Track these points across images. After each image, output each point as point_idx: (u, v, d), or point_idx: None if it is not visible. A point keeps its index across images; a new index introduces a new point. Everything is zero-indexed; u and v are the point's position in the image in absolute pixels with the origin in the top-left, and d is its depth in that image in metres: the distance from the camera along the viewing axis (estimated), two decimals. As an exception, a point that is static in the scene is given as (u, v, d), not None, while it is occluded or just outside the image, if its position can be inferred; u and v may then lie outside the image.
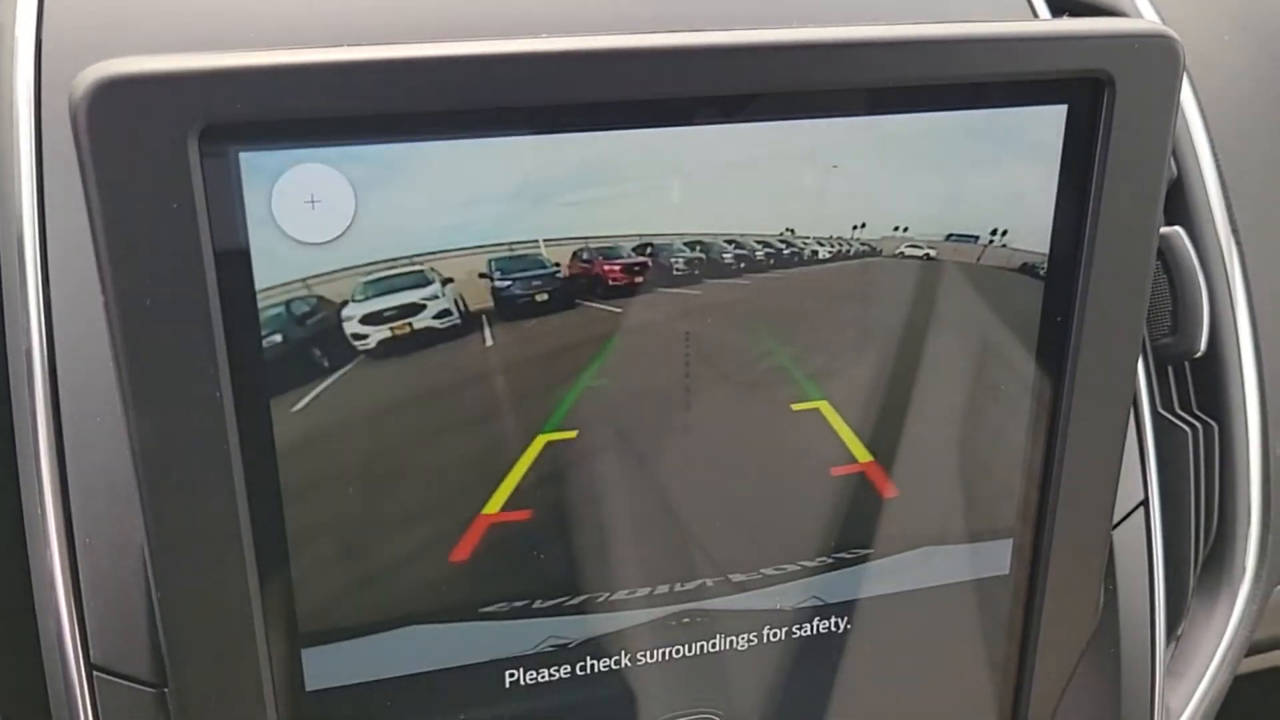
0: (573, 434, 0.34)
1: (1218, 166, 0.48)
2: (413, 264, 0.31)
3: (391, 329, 0.31)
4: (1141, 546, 0.44)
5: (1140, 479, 0.44)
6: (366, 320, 0.31)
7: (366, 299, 0.31)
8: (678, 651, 0.38)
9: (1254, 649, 0.51)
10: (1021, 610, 0.41)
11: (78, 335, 0.34)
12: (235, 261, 0.29)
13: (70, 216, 0.34)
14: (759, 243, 0.33)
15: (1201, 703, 0.46)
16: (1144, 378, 0.45)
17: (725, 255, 0.33)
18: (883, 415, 0.37)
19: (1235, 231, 0.48)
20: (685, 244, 0.33)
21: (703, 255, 0.33)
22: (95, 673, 0.34)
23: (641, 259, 0.33)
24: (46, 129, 0.35)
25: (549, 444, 0.34)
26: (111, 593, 0.34)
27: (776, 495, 0.37)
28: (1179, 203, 0.48)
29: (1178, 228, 0.46)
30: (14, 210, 0.35)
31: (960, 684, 0.41)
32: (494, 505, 0.34)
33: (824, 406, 0.36)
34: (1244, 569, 0.48)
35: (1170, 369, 0.47)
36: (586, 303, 0.33)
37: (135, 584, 0.34)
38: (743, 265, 0.33)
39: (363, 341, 0.31)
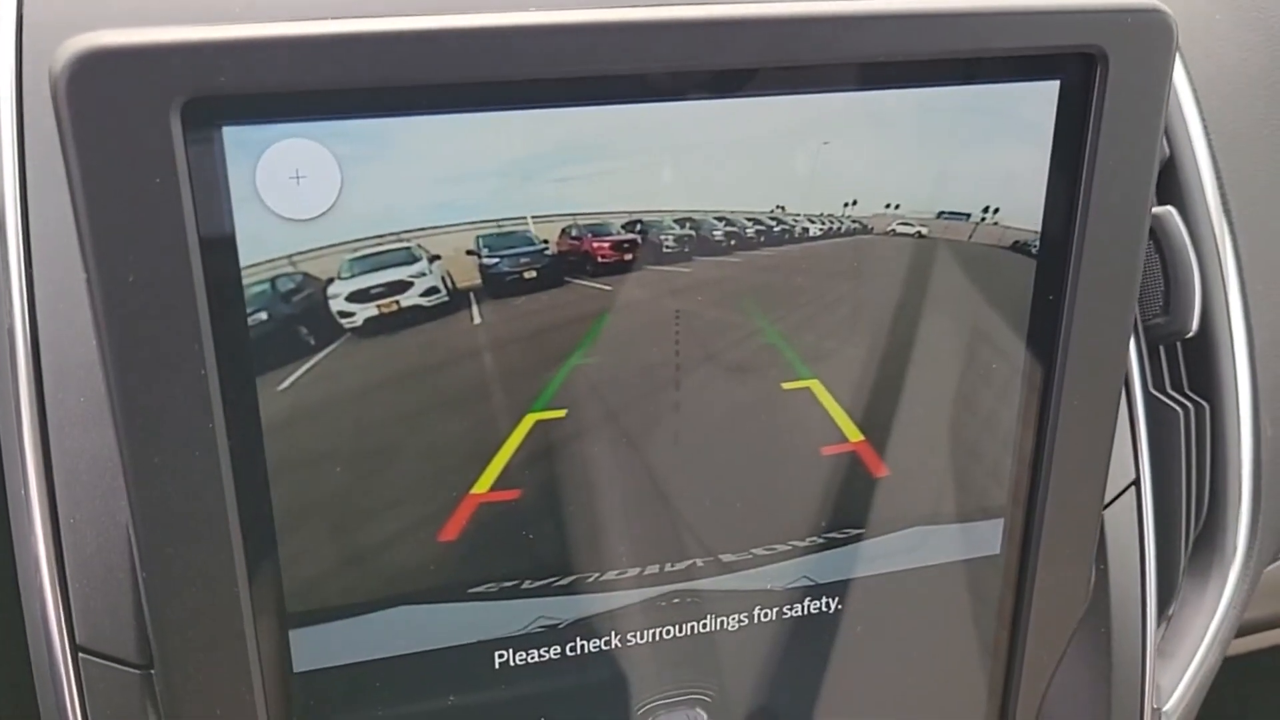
0: (562, 413, 0.34)
1: (1210, 146, 0.48)
2: (399, 240, 0.30)
3: (378, 306, 0.31)
4: (1132, 526, 0.44)
5: (1131, 458, 0.44)
6: (353, 298, 0.31)
7: (353, 276, 0.30)
8: (668, 632, 0.38)
9: (1244, 629, 0.51)
10: (1012, 590, 0.40)
11: (61, 313, 0.34)
12: (219, 238, 0.29)
13: (52, 192, 0.34)
14: (749, 220, 0.33)
15: (1192, 682, 0.46)
16: (1135, 357, 0.45)
17: (715, 232, 0.33)
18: (874, 394, 0.37)
19: (1227, 211, 0.48)
20: (675, 221, 0.32)
21: (693, 232, 0.33)
22: (80, 654, 0.34)
23: (631, 236, 0.32)
24: (28, 104, 0.35)
25: (538, 423, 0.33)
26: (96, 573, 0.34)
27: (767, 475, 0.37)
28: (1171, 182, 0.48)
29: (1170, 207, 0.46)
30: (-5, 187, 0.34)
31: (951, 664, 0.41)
32: (483, 485, 0.34)
33: (815, 385, 0.36)
34: (1235, 549, 0.48)
35: (1162, 349, 0.47)
36: (575, 280, 0.32)
37: (120, 564, 0.34)
38: (733, 243, 0.33)
39: (349, 319, 0.31)
